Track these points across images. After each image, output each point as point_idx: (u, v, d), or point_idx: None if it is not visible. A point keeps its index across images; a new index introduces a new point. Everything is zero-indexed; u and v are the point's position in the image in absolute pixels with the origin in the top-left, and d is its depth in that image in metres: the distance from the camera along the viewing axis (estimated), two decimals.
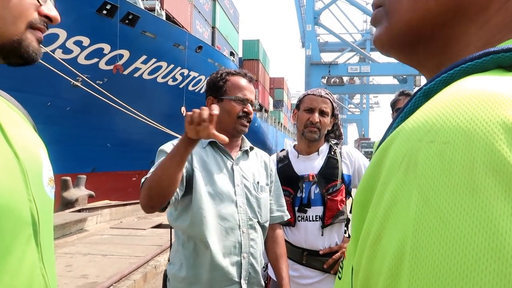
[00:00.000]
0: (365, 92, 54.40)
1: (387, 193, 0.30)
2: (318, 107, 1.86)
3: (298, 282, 1.87)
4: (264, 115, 29.80)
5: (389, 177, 0.30)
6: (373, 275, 0.29)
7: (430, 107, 0.30)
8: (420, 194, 0.27)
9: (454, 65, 0.33)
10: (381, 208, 0.30)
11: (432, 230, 0.25)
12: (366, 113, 67.29)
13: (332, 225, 1.84)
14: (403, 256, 0.26)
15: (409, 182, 0.28)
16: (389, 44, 0.44)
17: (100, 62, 10.33)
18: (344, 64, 39.77)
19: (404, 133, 0.31)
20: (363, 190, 0.34)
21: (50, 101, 9.68)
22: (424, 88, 0.34)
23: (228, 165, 1.61)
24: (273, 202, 1.75)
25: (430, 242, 0.25)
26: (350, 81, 47.02)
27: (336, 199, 1.84)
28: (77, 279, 3.83)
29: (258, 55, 28.78)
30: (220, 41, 19.64)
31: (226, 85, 1.62)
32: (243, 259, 1.54)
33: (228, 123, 1.60)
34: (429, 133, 0.28)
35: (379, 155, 0.33)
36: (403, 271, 0.26)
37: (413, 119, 0.31)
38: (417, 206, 0.27)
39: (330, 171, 1.88)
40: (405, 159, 0.29)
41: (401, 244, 0.27)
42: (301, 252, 1.86)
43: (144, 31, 11.16)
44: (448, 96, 0.29)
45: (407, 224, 0.27)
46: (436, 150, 0.27)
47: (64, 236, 5.50)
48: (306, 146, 1.95)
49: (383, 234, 0.29)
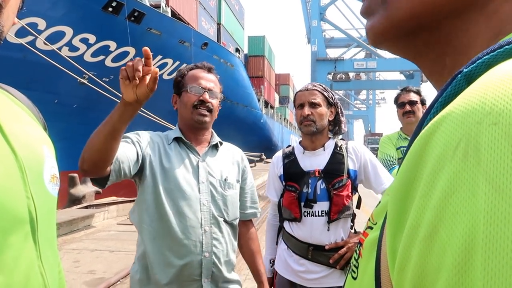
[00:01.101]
0: (371, 88, 54.08)
1: (441, 182, 0.27)
2: (306, 101, 1.89)
3: (304, 277, 1.87)
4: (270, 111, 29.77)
5: (441, 165, 0.27)
6: (430, 272, 0.26)
7: (483, 88, 0.27)
8: (489, 182, 0.24)
9: (497, 46, 0.30)
10: (434, 198, 0.27)
11: (508, 221, 0.23)
12: (372, 109, 66.99)
13: (338, 220, 1.84)
14: (472, 249, 0.24)
15: (471, 169, 0.25)
16: (384, 35, 0.41)
17: (106, 59, 10.38)
18: (350, 59, 39.61)
19: (455, 116, 0.28)
20: (403, 182, 0.31)
21: (57, 99, 9.74)
22: (465, 71, 0.31)
23: (193, 161, 1.57)
24: (247, 198, 1.73)
25: (507, 234, 0.23)
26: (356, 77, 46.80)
27: (342, 194, 1.83)
28: (84, 275, 3.87)
29: (263, 52, 28.73)
30: (226, 38, 19.63)
31: (184, 79, 1.60)
32: (204, 258, 1.49)
33: (186, 115, 1.58)
34: (489, 115, 0.25)
35: (421, 143, 0.30)
36: (474, 266, 0.23)
37: (462, 101, 0.28)
38: (486, 195, 0.24)
39: (336, 166, 1.88)
40: (461, 145, 0.26)
41: (469, 237, 0.24)
42: (307, 247, 1.86)
43: (149, 28, 11.19)
44: (503, 76, 0.27)
45: (475, 215, 0.24)
46: (502, 132, 0.24)
47: (72, 232, 5.55)
48: (309, 141, 1.95)
49: (441, 226, 0.26)
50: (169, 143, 1.57)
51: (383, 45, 0.43)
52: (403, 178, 0.31)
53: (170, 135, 1.60)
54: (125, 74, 1.20)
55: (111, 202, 7.51)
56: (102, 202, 7.49)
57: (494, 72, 0.28)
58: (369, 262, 0.39)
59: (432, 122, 0.30)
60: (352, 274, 0.44)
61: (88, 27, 9.52)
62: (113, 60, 10.50)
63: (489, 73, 0.29)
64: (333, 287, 1.84)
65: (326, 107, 1.90)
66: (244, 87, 20.53)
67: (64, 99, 9.91)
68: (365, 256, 0.41)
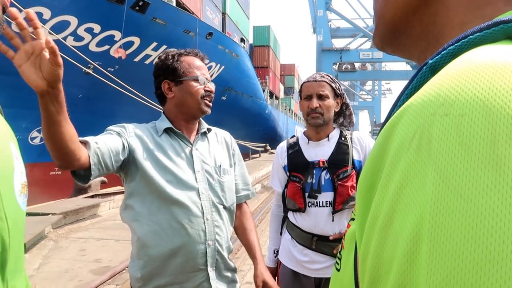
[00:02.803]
0: (377, 79, 53.64)
1: (397, 173, 0.27)
2: (314, 92, 1.86)
3: (308, 267, 1.88)
4: (274, 102, 29.67)
5: (398, 156, 0.28)
6: (385, 262, 0.27)
7: (441, 79, 0.28)
8: (437, 172, 0.24)
9: (462, 36, 0.31)
10: (390, 189, 0.28)
11: (452, 211, 0.23)
12: (378, 100, 66.51)
13: (342, 210, 1.84)
14: (419, 239, 0.24)
15: (423, 160, 0.26)
16: (382, 44, 0.47)
17: (111, 49, 10.36)
18: (356, 50, 39.23)
19: (413, 108, 0.28)
20: (368, 172, 0.32)
21: (63, 89, 9.75)
22: (430, 62, 0.31)
23: (186, 151, 1.54)
24: (239, 181, 1.71)
25: (451, 223, 0.23)
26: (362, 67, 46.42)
27: (346, 185, 1.83)
28: (90, 263, 3.91)
29: (268, 42, 28.56)
30: (231, 28, 19.51)
31: (181, 66, 1.53)
32: (208, 247, 1.48)
33: (192, 105, 1.54)
34: (442, 106, 0.26)
35: (385, 135, 0.31)
36: (420, 256, 0.24)
37: (422, 93, 0.28)
38: (434, 185, 0.24)
39: (341, 156, 1.87)
40: (416, 136, 0.27)
41: (416, 227, 0.25)
42: (311, 237, 1.87)
43: (154, 18, 11.14)
44: (461, 67, 0.27)
45: (423, 205, 0.25)
46: (452, 123, 0.25)
47: (78, 221, 5.60)
48: (314, 132, 1.94)
49: (395, 217, 0.27)
50: (159, 135, 1.53)
51: (386, 51, 0.48)
52: (369, 170, 0.32)
53: (160, 126, 1.55)
54: (11, 55, 0.96)
55: (116, 192, 7.56)
56: (107, 192, 7.55)
57: (453, 63, 0.29)
58: (350, 254, 0.40)
59: (395, 114, 0.30)
60: (336, 266, 0.45)
61: (93, 17, 9.49)
62: None
63: (449, 65, 0.29)
64: None
65: (333, 98, 1.89)
66: (249, 78, 20.45)
67: (69, 89, 9.82)
68: (346, 248, 0.42)
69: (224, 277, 1.56)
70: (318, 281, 1.89)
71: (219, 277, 1.53)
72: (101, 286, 3.35)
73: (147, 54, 11.39)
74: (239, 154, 1.76)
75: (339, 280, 0.42)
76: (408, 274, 0.24)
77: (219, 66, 15.43)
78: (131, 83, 9.14)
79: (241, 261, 4.43)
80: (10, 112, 6.42)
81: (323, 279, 1.87)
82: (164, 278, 1.44)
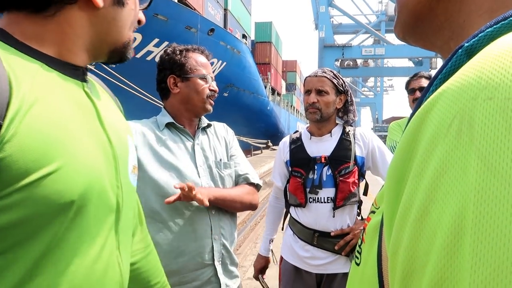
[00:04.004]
0: (379, 75, 53.51)
1: (434, 161, 0.26)
2: (313, 88, 1.86)
3: (309, 263, 1.89)
4: (276, 98, 29.64)
5: (434, 143, 0.26)
6: (420, 255, 0.25)
7: (482, 61, 0.26)
8: (481, 159, 0.23)
9: (502, 18, 0.29)
10: (426, 178, 0.26)
11: (500, 200, 0.21)
12: (380, 96, 66.34)
13: (343, 207, 1.84)
14: (462, 231, 0.22)
15: (463, 147, 0.24)
16: (403, 32, 0.45)
17: None
18: (358, 46, 39.14)
19: (451, 92, 0.26)
20: (398, 163, 0.30)
21: None
22: (466, 45, 0.29)
23: (188, 146, 1.54)
24: (237, 168, 1.65)
25: (498, 213, 0.21)
26: (364, 63, 46.35)
27: (348, 181, 1.83)
28: None
29: (270, 38, 28.49)
30: (232, 24, 19.46)
31: (189, 62, 1.53)
32: (214, 241, 1.48)
33: (197, 103, 1.54)
34: (485, 89, 0.24)
35: (416, 122, 0.29)
36: (463, 248, 0.22)
37: (459, 76, 0.27)
38: (477, 173, 0.23)
39: (343, 152, 1.87)
40: (456, 121, 0.25)
41: (458, 218, 0.23)
42: (312, 233, 1.87)
43: (156, 14, 11.12)
44: (503, 49, 0.25)
45: (465, 194, 0.23)
46: (497, 107, 0.23)
47: None
48: (316, 128, 1.94)
49: (432, 207, 0.25)
50: (161, 129, 1.53)
51: (407, 41, 0.47)
52: (399, 159, 0.30)
53: (161, 121, 1.55)
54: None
55: None
56: None
57: (494, 45, 0.27)
58: (372, 248, 0.38)
59: (428, 100, 0.28)
60: (355, 260, 0.44)
61: None
62: None
63: (489, 46, 0.27)
64: (338, 273, 1.85)
65: (335, 94, 1.88)
66: (250, 74, 20.43)
67: None
68: (367, 241, 0.41)
69: (229, 271, 1.56)
70: (319, 277, 1.89)
71: (225, 272, 1.53)
72: None
73: (149, 51, 11.39)
74: (236, 144, 1.73)
75: (359, 274, 0.41)
76: (449, 268, 0.23)
77: (220, 62, 15.42)
78: (133, 79, 9.15)
79: (243, 257, 4.45)
80: None
81: (325, 275, 1.88)
82: (172, 278, 1.36)
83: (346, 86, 1.93)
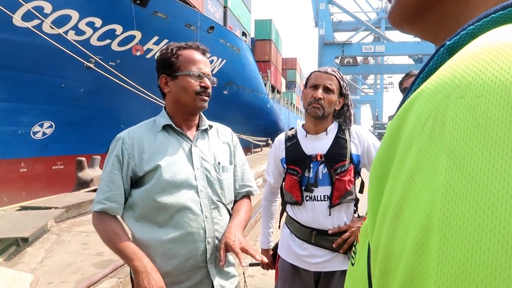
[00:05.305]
0: (379, 73, 53.42)
1: (409, 160, 0.26)
2: (322, 83, 1.84)
3: (307, 261, 1.89)
4: (276, 96, 29.61)
5: (410, 143, 0.26)
6: (395, 254, 0.25)
7: (457, 61, 0.26)
8: (450, 157, 0.23)
9: (483, 15, 0.28)
10: (402, 177, 0.26)
11: (466, 198, 0.21)
12: (380, 94, 66.29)
13: (340, 205, 1.84)
14: (430, 229, 0.22)
15: (436, 145, 0.24)
16: (400, 19, 0.43)
17: (112, 43, 10.34)
18: (358, 43, 39.06)
19: (427, 91, 0.26)
20: (380, 162, 0.30)
21: (64, 83, 9.77)
22: (448, 43, 0.29)
23: (185, 148, 1.52)
24: (239, 178, 1.66)
25: (464, 211, 0.21)
26: (364, 61, 46.24)
27: (344, 179, 1.83)
28: (93, 257, 3.93)
29: (270, 35, 28.42)
30: (232, 21, 19.41)
31: (179, 60, 1.50)
32: (208, 244, 1.47)
33: (186, 101, 1.51)
34: (457, 88, 0.24)
35: (397, 121, 0.29)
36: (430, 246, 0.22)
37: (437, 76, 0.27)
38: (446, 171, 0.23)
39: (339, 150, 1.87)
40: (430, 120, 0.25)
41: (427, 216, 0.23)
42: (310, 231, 1.87)
43: (155, 12, 11.10)
44: (479, 47, 0.25)
45: (434, 192, 0.23)
46: (468, 105, 0.23)
47: (80, 215, 5.63)
48: (313, 125, 1.93)
49: (405, 206, 0.25)
50: (158, 131, 1.51)
51: (403, 28, 0.44)
52: (380, 159, 0.30)
53: (159, 122, 1.54)
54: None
55: None
56: None
57: (472, 43, 0.27)
58: (364, 248, 0.38)
59: (408, 99, 0.29)
60: (351, 260, 0.43)
61: (94, 11, 9.46)
62: (119, 44, 10.46)
63: (468, 45, 0.27)
64: (337, 271, 1.86)
65: (338, 95, 1.88)
66: (250, 72, 20.39)
67: (71, 83, 9.93)
68: (360, 241, 0.40)
69: (224, 272, 1.56)
70: (317, 275, 1.90)
71: (219, 273, 1.53)
72: (104, 279, 3.37)
73: (149, 48, 11.36)
74: (240, 150, 1.73)
75: (353, 275, 0.41)
76: (417, 267, 0.23)
77: (220, 60, 15.39)
78: (133, 77, 9.13)
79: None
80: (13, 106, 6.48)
81: (322, 273, 1.88)
82: (165, 279, 1.40)
83: (347, 90, 1.93)
